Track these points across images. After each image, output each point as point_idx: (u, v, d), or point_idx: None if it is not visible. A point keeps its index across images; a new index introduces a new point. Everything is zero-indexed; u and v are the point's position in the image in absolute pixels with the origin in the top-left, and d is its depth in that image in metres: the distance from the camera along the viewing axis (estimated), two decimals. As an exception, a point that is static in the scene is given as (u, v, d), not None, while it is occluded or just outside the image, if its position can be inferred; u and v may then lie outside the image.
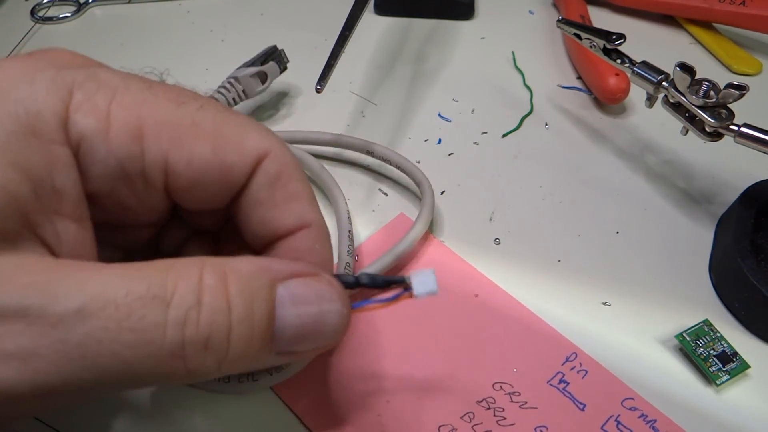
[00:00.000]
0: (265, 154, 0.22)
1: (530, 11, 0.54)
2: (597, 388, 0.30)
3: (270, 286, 0.19)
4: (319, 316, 0.20)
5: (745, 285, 0.32)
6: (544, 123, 0.44)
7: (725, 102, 0.33)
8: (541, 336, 0.32)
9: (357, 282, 0.21)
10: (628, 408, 0.30)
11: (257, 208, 0.23)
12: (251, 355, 0.19)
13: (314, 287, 0.20)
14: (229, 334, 0.18)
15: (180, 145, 0.21)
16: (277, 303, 0.19)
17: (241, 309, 0.18)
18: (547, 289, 0.35)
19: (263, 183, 0.22)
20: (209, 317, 0.18)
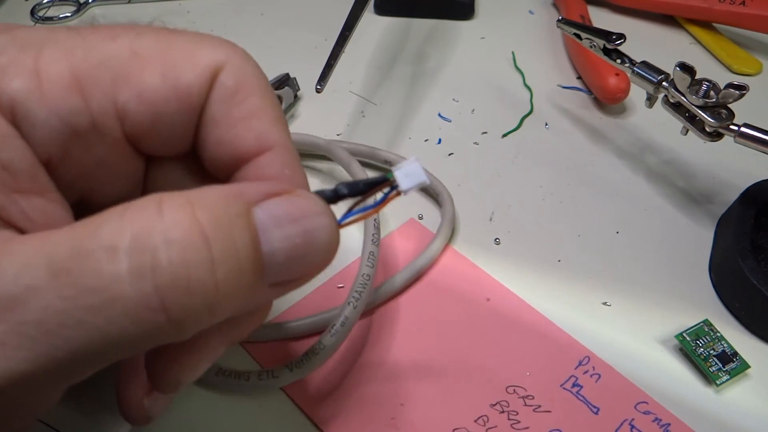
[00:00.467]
0: (221, 66, 0.20)
1: (530, 11, 0.54)
2: (610, 392, 0.30)
3: (246, 211, 0.17)
4: (308, 233, 0.17)
5: (745, 285, 0.32)
6: (544, 123, 0.44)
7: (725, 102, 0.33)
8: (554, 340, 0.32)
9: (337, 194, 0.19)
10: (642, 412, 0.30)
11: (214, 129, 0.20)
12: (244, 291, 0.16)
13: (295, 203, 0.18)
14: (214, 270, 0.16)
15: (125, 81, 0.19)
16: (259, 228, 0.17)
17: (220, 239, 0.16)
18: (548, 289, 0.35)
19: (219, 99, 0.20)
20: (182, 255, 0.15)
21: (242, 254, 0.16)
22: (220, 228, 0.16)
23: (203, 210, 0.16)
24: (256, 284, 0.17)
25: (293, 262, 0.17)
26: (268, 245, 0.17)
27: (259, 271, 0.17)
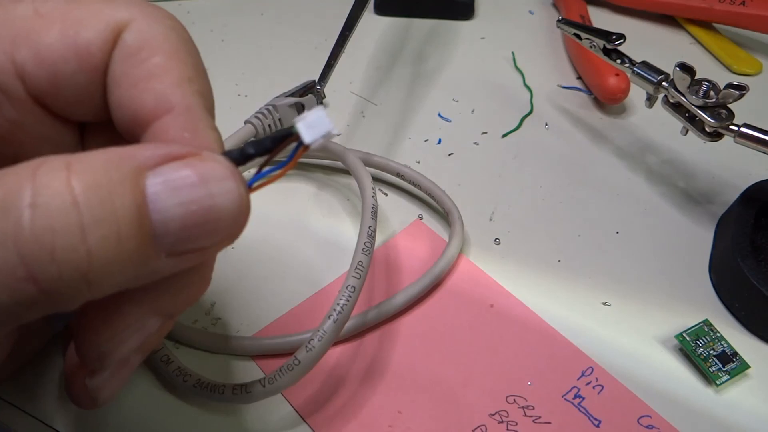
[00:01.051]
0: (125, 24, 0.19)
1: (530, 11, 0.54)
2: (613, 405, 0.30)
3: (134, 174, 0.16)
4: (209, 199, 0.16)
5: (745, 285, 0.32)
6: (544, 123, 0.44)
7: (725, 102, 0.34)
8: (557, 349, 0.32)
9: (244, 155, 0.18)
10: (645, 426, 0.29)
11: (116, 89, 0.19)
12: (128, 260, 0.15)
13: (196, 167, 0.16)
14: (85, 237, 0.15)
15: (24, 41, 0.18)
16: (150, 193, 0.16)
17: (94, 204, 0.15)
18: (547, 290, 0.35)
19: (120, 58, 0.19)
20: (46, 220, 0.14)
21: (123, 221, 0.15)
22: (95, 192, 0.15)
23: (81, 173, 0.15)
24: (146, 253, 0.16)
25: (192, 231, 0.16)
26: (159, 213, 0.16)
27: (146, 239, 0.16)
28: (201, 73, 0.20)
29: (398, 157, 0.41)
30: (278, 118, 0.41)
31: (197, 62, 0.20)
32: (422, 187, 0.37)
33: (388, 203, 0.39)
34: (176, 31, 0.20)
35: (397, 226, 0.37)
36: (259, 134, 0.40)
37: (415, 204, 0.39)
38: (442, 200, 0.37)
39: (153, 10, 0.20)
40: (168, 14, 0.20)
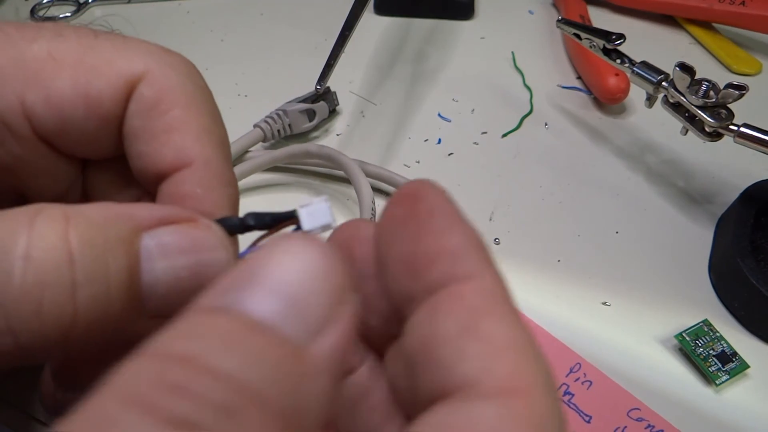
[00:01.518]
0: (140, 77, 0.19)
1: (530, 11, 0.54)
2: (602, 399, 0.30)
3: (131, 235, 0.15)
4: (197, 267, 0.16)
5: (745, 285, 0.32)
6: (544, 123, 0.44)
7: (725, 102, 0.34)
8: (545, 347, 0.32)
9: (243, 225, 0.18)
10: (635, 419, 0.30)
11: (134, 142, 0.19)
12: (111, 320, 0.15)
13: (189, 234, 0.16)
14: (74, 294, 0.14)
15: (35, 83, 0.18)
16: (143, 255, 0.15)
17: (88, 262, 0.14)
18: (547, 289, 0.35)
19: (137, 111, 0.19)
20: (38, 275, 0.14)
21: (114, 281, 0.15)
22: (90, 249, 0.14)
23: (78, 228, 0.15)
24: (130, 315, 0.15)
25: (178, 296, 0.16)
26: (149, 274, 0.15)
27: (133, 301, 0.15)
28: (218, 121, 0.20)
29: (398, 157, 0.41)
30: (288, 124, 0.40)
31: (214, 109, 0.20)
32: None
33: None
34: (192, 79, 0.20)
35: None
36: (267, 138, 0.40)
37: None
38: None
39: (168, 58, 0.20)
40: (183, 60, 0.20)
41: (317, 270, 0.13)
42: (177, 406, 0.10)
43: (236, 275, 0.13)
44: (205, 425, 0.10)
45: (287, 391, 0.11)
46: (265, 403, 0.11)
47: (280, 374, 0.11)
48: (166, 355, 0.11)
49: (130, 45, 0.19)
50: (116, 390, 0.11)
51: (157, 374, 0.11)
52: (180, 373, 0.11)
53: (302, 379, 0.12)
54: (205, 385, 0.11)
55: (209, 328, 0.12)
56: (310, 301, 0.12)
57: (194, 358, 0.11)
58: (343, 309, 0.13)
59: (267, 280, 0.12)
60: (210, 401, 0.11)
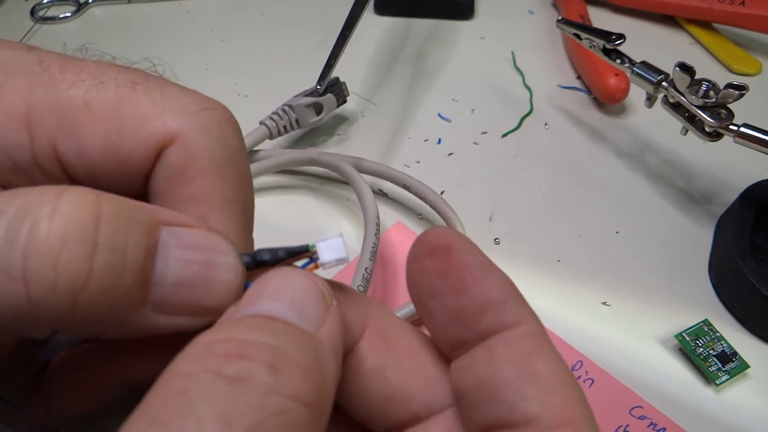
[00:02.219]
0: (171, 140, 0.19)
1: (530, 11, 0.54)
2: (604, 397, 0.30)
3: (152, 223, 0.16)
4: (209, 265, 0.17)
5: (745, 285, 0.32)
6: (543, 123, 0.44)
7: (725, 102, 0.34)
8: None
9: (256, 261, 0.18)
10: (637, 417, 0.30)
11: (156, 203, 0.19)
12: (120, 295, 0.15)
13: (205, 236, 0.17)
14: (93, 255, 0.14)
15: (69, 132, 0.18)
16: (161, 242, 0.16)
17: (112, 229, 0.15)
18: (547, 289, 0.35)
19: (163, 175, 0.19)
20: (63, 227, 0.14)
21: (131, 255, 0.15)
22: (117, 220, 0.15)
23: (108, 201, 0.15)
24: (137, 297, 0.16)
25: (186, 288, 0.16)
26: (163, 261, 0.16)
27: (143, 282, 0.16)
28: (244, 188, 0.20)
29: (398, 157, 0.41)
30: (295, 119, 0.40)
31: (241, 176, 0.20)
32: (428, 201, 0.36)
33: (386, 202, 0.39)
34: (224, 143, 0.20)
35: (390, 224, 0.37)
36: (273, 135, 0.40)
37: (411, 205, 0.39)
38: (453, 223, 0.35)
39: (203, 119, 0.19)
40: (220, 119, 0.20)
41: (305, 286, 0.16)
42: (235, 367, 0.13)
43: (246, 298, 0.16)
44: (260, 378, 0.13)
45: (310, 354, 0.15)
46: (298, 361, 0.14)
47: (302, 344, 0.15)
48: (216, 340, 0.14)
49: (167, 99, 0.19)
50: (180, 368, 0.14)
51: (211, 350, 0.14)
52: (231, 346, 0.14)
53: (318, 349, 0.15)
54: (252, 351, 0.14)
55: (242, 322, 0.15)
56: (305, 306, 0.16)
57: (239, 337, 0.14)
58: (330, 311, 0.16)
59: (273, 295, 0.16)
60: (260, 361, 0.14)
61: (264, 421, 0.13)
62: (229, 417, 0.13)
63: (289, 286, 0.16)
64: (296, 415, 0.13)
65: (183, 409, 0.13)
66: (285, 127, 0.40)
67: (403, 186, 0.37)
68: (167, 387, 0.13)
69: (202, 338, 0.15)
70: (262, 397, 0.13)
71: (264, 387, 0.13)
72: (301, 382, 0.14)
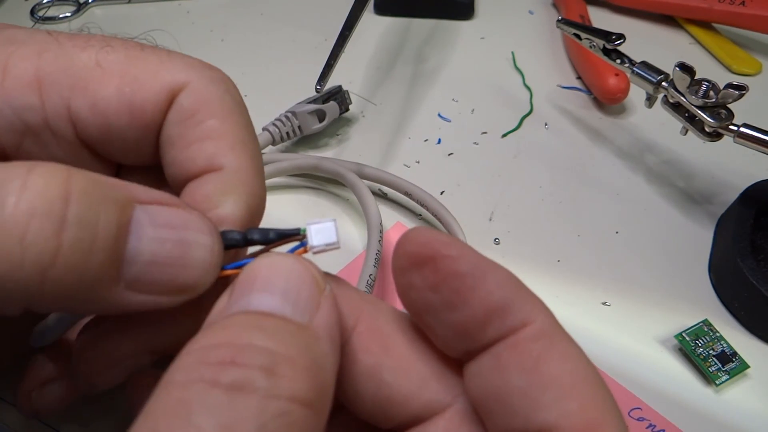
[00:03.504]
0: (181, 87, 0.20)
1: (530, 11, 0.54)
2: None
3: (126, 201, 0.16)
4: (183, 243, 0.16)
5: (745, 285, 0.32)
6: (543, 123, 0.44)
7: (725, 102, 0.34)
8: None
9: (247, 239, 0.18)
10: (636, 418, 0.29)
11: (170, 149, 0.20)
12: (90, 273, 0.15)
13: (180, 214, 0.17)
14: (61, 230, 0.14)
15: (82, 90, 0.19)
16: (134, 221, 0.16)
17: (82, 207, 0.15)
18: (547, 289, 0.35)
19: (175, 120, 0.20)
20: (30, 202, 0.14)
21: (102, 232, 0.15)
22: (87, 197, 0.15)
23: (78, 178, 0.15)
24: (109, 274, 0.15)
25: (159, 268, 0.16)
26: (136, 240, 0.16)
27: (115, 260, 0.15)
28: (252, 135, 0.21)
29: (398, 157, 0.41)
30: (297, 126, 0.40)
31: (248, 123, 0.21)
32: (429, 208, 0.36)
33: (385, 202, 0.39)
34: (231, 94, 0.20)
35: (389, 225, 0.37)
36: (276, 141, 0.40)
37: (411, 205, 0.39)
38: (453, 230, 0.35)
39: (209, 72, 0.20)
40: (223, 75, 0.21)
41: (297, 272, 0.16)
42: (230, 374, 0.13)
43: (237, 289, 0.16)
44: (256, 383, 0.13)
45: (306, 350, 0.14)
46: (293, 361, 0.14)
47: (296, 340, 0.15)
48: (210, 345, 0.14)
49: (174, 58, 0.20)
50: (176, 378, 0.14)
51: (205, 358, 0.14)
52: (224, 352, 0.14)
53: (312, 342, 0.15)
54: (246, 356, 0.14)
55: (234, 322, 0.15)
56: (298, 294, 0.15)
57: (232, 342, 0.14)
58: (324, 296, 0.16)
59: (263, 286, 0.16)
60: (253, 365, 0.13)
61: (265, 425, 0.13)
62: (229, 426, 0.13)
63: (281, 274, 0.16)
64: (297, 415, 0.13)
65: (182, 421, 0.13)
66: (288, 134, 0.40)
67: (405, 193, 0.37)
68: (165, 398, 0.13)
69: (196, 343, 0.14)
70: (260, 402, 0.13)
71: (262, 392, 0.13)
72: (298, 382, 0.14)
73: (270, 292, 0.15)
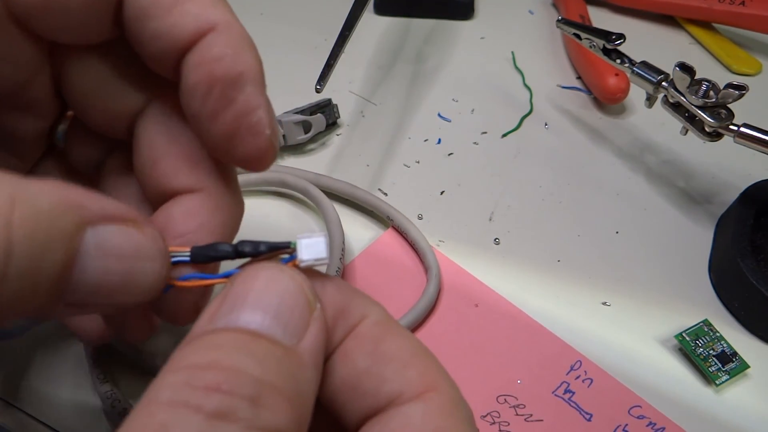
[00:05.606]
0: None
1: (530, 11, 0.54)
2: (603, 397, 0.30)
3: (75, 229, 0.15)
4: (130, 273, 0.16)
5: (745, 285, 0.32)
6: (544, 123, 0.44)
7: (725, 102, 0.34)
8: (545, 345, 0.32)
9: (237, 251, 0.18)
10: (636, 416, 0.30)
11: (146, 23, 0.18)
12: (29, 308, 0.15)
13: (132, 239, 0.16)
14: (0, 286, 0.14)
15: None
16: (81, 252, 0.15)
17: (24, 258, 0.14)
18: (547, 289, 0.35)
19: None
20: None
21: (45, 276, 0.14)
22: (30, 244, 0.14)
23: (23, 216, 0.14)
24: (49, 304, 0.15)
25: (102, 294, 0.16)
26: (81, 272, 0.15)
27: (58, 291, 0.15)
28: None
29: (398, 157, 0.41)
30: (282, 134, 0.40)
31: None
32: (409, 236, 0.36)
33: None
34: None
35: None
36: None
37: (411, 205, 0.39)
38: (426, 255, 0.35)
39: None
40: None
41: (290, 291, 0.16)
42: (214, 401, 0.13)
43: (229, 300, 0.16)
44: (239, 413, 0.13)
45: (291, 379, 0.14)
46: (278, 389, 0.14)
47: (283, 367, 0.14)
48: (194, 366, 0.14)
49: None
50: (159, 399, 0.13)
51: (192, 381, 0.13)
52: (210, 376, 0.13)
53: (299, 369, 0.15)
54: (234, 383, 0.13)
55: (221, 341, 0.14)
56: (290, 314, 0.15)
57: (217, 364, 0.14)
58: (314, 316, 0.16)
59: (256, 302, 0.15)
60: (239, 394, 0.13)
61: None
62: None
63: (275, 292, 0.16)
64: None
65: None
66: None
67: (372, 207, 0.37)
68: (148, 419, 0.13)
69: (184, 360, 0.14)
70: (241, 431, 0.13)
71: (244, 422, 0.13)
72: (280, 414, 0.14)
73: (263, 311, 0.15)
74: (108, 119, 0.21)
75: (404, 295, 0.34)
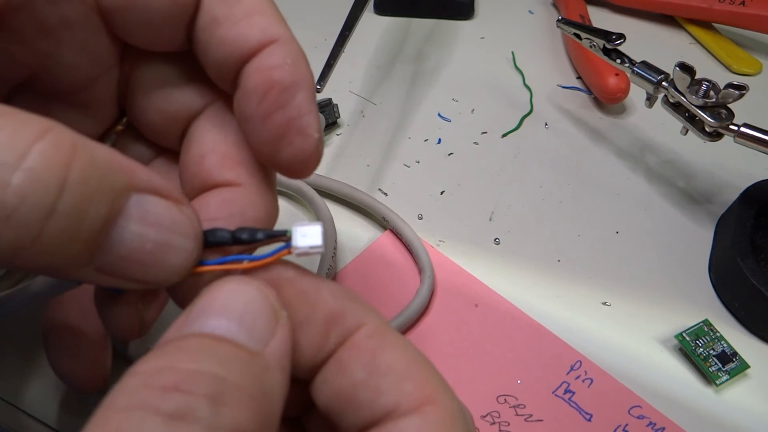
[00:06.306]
0: None
1: (530, 11, 0.54)
2: (603, 397, 0.30)
3: (122, 189, 0.15)
4: (164, 246, 0.16)
5: (745, 285, 0.32)
6: (544, 123, 0.44)
7: (725, 102, 0.34)
8: (545, 345, 0.32)
9: (234, 238, 0.18)
10: (636, 416, 0.30)
11: (216, 30, 0.19)
12: (64, 258, 0.15)
13: (172, 214, 0.17)
14: (46, 221, 0.14)
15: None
16: (123, 213, 0.15)
17: (74, 198, 0.14)
18: (547, 289, 0.35)
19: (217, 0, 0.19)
20: (23, 187, 0.14)
21: (88, 223, 0.15)
22: (83, 186, 0.14)
23: (81, 160, 0.14)
24: (81, 260, 0.15)
25: (131, 263, 0.16)
26: (120, 232, 0.16)
27: (92, 248, 0.15)
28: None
29: (398, 156, 0.41)
30: None
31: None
32: (404, 237, 0.36)
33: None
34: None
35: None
36: None
37: (411, 205, 0.39)
38: (419, 256, 0.35)
39: None
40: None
41: (255, 299, 0.16)
42: (173, 401, 0.13)
43: (195, 310, 0.16)
44: (199, 413, 0.13)
45: (255, 380, 0.14)
46: (241, 390, 0.14)
47: (247, 369, 0.14)
48: (155, 369, 0.14)
49: None
50: (117, 402, 0.13)
51: (150, 382, 0.13)
52: (170, 378, 0.13)
53: (264, 371, 0.15)
54: (192, 382, 0.13)
55: (185, 345, 0.14)
56: (254, 321, 0.16)
57: (178, 366, 0.14)
58: (279, 324, 0.16)
59: (221, 310, 0.16)
60: (198, 393, 0.13)
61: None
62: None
63: (239, 300, 0.16)
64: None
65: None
66: None
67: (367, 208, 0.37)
68: (104, 425, 0.13)
69: (144, 364, 0.14)
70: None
71: (203, 422, 0.13)
72: (244, 413, 0.13)
73: (227, 317, 0.15)
74: (164, 124, 0.22)
75: (400, 296, 0.34)
